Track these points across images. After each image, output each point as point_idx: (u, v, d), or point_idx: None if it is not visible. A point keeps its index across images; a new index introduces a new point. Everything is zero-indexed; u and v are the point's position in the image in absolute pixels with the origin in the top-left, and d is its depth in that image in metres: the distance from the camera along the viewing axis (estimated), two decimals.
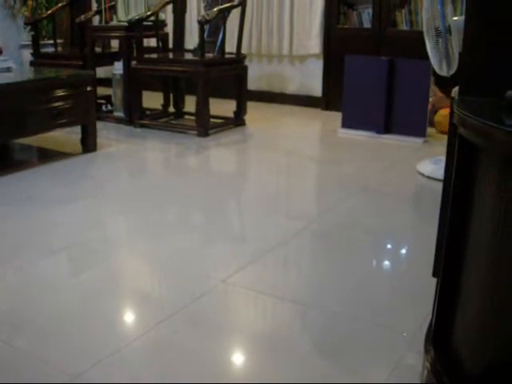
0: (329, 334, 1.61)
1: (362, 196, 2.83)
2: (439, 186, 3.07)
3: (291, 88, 5.28)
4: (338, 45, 4.86)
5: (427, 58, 4.17)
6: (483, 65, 1.18)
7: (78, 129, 3.47)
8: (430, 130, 4.01)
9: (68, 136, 3.68)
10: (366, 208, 2.69)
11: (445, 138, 4.01)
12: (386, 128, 4.05)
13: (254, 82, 5.11)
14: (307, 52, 4.99)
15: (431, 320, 1.39)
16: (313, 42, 4.92)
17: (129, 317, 1.75)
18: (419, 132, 3.91)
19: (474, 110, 1.09)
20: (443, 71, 2.93)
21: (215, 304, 1.79)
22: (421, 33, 4.39)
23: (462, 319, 1.18)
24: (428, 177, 3.11)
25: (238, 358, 1.53)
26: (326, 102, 5.07)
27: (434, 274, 1.42)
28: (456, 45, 2.79)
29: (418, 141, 3.89)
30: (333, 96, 4.99)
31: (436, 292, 1.39)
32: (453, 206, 1.18)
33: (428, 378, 1.29)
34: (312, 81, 5.14)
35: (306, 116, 4.93)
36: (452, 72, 2.90)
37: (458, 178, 1.16)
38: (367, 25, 4.69)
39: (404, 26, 4.57)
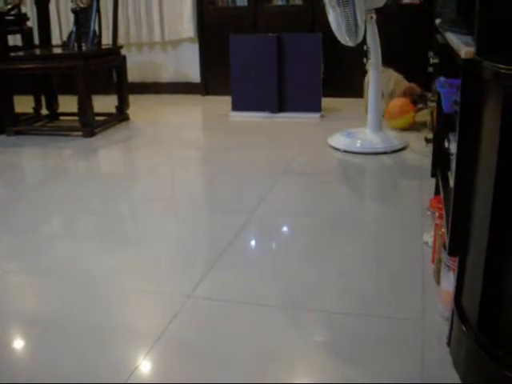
0: (338, 335, 1.47)
1: (288, 180, 2.71)
2: (358, 159, 3.08)
3: (166, 76, 5.03)
4: (213, 26, 4.68)
5: (308, 30, 4.18)
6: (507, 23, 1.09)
7: None
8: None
9: None
10: (300, 192, 2.58)
11: (340, 110, 4.05)
12: (280, 106, 3.97)
13: None
14: (180, 36, 4.76)
15: (457, 301, 1.30)
16: (185, 26, 4.70)
17: (111, 355, 1.46)
18: (314, 107, 3.88)
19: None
20: (347, 41, 2.88)
21: (194, 325, 1.57)
22: (298, 6, 4.38)
23: None
24: (344, 151, 3.08)
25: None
26: (206, 87, 4.90)
27: (451, 253, 1.33)
28: (362, 14, 2.74)
29: (315, 116, 3.86)
30: (212, 80, 4.83)
31: (460, 270, 1.30)
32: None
33: (472, 361, 1.20)
34: (188, 66, 4.93)
35: (187, 103, 4.72)
36: (358, 41, 2.86)
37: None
38: (241, 3, 4.56)
39: (279, 1, 4.50)
